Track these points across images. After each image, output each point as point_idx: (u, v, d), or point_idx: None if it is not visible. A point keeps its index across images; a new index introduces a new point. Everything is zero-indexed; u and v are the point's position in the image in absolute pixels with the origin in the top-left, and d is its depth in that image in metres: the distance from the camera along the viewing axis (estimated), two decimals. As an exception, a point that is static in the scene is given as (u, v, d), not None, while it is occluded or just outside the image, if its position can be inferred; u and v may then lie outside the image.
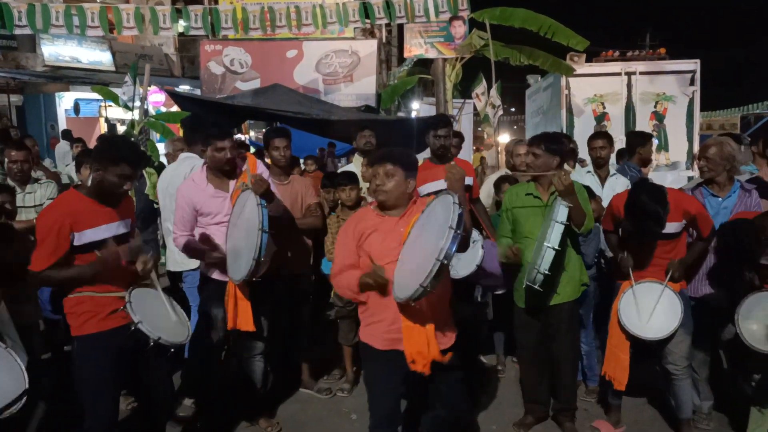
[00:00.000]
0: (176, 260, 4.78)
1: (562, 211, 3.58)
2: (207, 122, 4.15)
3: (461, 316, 4.65)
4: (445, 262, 2.61)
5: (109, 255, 3.08)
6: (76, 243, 3.08)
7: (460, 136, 6.25)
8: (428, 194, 4.42)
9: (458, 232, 2.63)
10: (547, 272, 3.56)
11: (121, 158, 3.10)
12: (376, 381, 3.24)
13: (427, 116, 12.07)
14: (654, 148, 5.70)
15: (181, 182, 4.17)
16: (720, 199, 3.99)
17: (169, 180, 4.78)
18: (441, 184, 3.51)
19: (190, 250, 4.01)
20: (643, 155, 5.61)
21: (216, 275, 3.96)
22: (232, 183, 3.95)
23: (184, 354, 4.35)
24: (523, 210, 3.98)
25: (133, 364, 3.23)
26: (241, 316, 3.78)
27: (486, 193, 5.59)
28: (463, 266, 4.38)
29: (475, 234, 4.44)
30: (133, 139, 9.49)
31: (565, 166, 4.76)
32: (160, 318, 3.27)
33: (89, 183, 3.38)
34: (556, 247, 3.52)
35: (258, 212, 3.52)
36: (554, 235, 3.54)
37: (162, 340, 3.14)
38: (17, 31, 6.95)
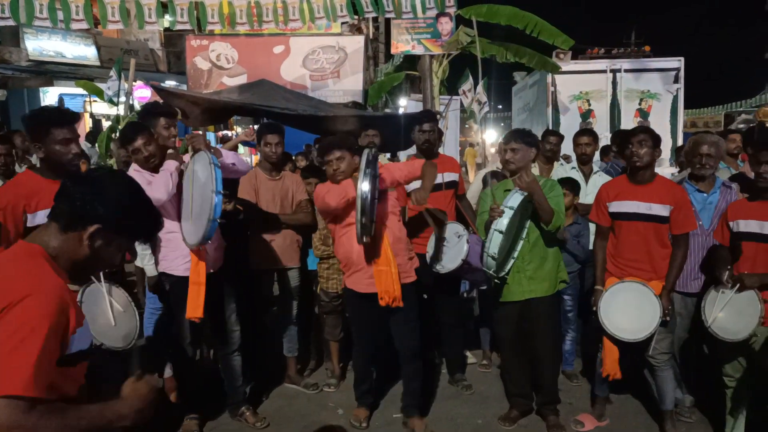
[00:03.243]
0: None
1: (514, 198, 3.71)
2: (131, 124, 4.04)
3: (446, 316, 4.76)
4: (364, 197, 3.47)
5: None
6: (29, 224, 3.02)
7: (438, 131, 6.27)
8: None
9: (368, 171, 3.51)
10: (495, 256, 3.65)
11: (50, 124, 3.03)
12: (358, 317, 4.15)
13: (414, 112, 12.08)
14: None
15: None
16: (705, 195, 4.05)
17: None
18: None
19: None
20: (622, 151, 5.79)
21: (180, 272, 3.84)
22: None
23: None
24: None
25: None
26: (191, 301, 3.72)
27: (476, 188, 5.62)
28: (448, 260, 4.41)
29: (460, 229, 4.47)
30: (117, 133, 9.43)
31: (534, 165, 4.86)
32: (105, 321, 3.20)
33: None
34: (503, 231, 3.62)
35: (211, 172, 3.46)
36: (502, 220, 3.64)
37: (105, 347, 3.10)
38: (0, 23, 6.87)
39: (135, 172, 3.78)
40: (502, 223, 3.64)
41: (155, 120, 4.00)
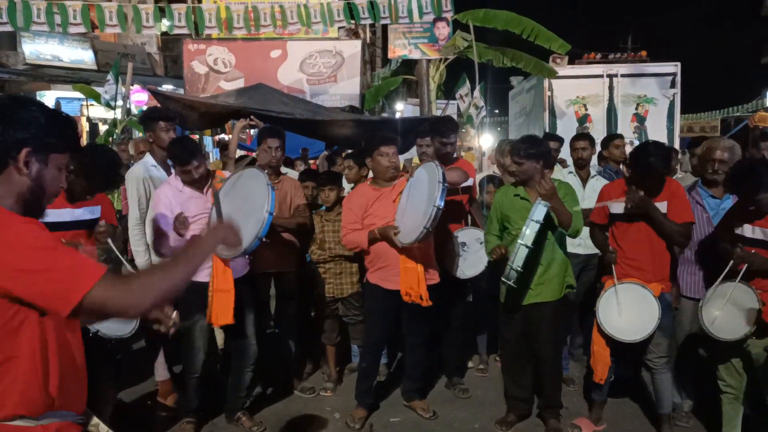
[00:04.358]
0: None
1: (539, 210, 3.65)
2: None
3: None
4: (440, 206, 3.60)
5: None
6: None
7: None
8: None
9: (445, 184, 3.63)
10: (520, 269, 3.63)
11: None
12: (375, 312, 4.26)
13: (411, 117, 12.09)
14: (625, 145, 5.83)
15: (135, 184, 4.23)
16: (719, 200, 4.03)
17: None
18: None
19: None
20: (610, 156, 5.76)
21: (200, 277, 3.78)
22: (204, 186, 3.96)
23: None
24: (512, 211, 4.01)
25: None
26: (220, 309, 3.73)
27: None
28: (469, 266, 4.42)
29: (482, 235, 4.45)
30: (114, 137, 9.43)
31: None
32: None
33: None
34: (530, 245, 3.60)
35: (267, 193, 3.52)
36: (529, 233, 3.62)
37: (101, 333, 3.13)
38: (-2, 29, 6.87)
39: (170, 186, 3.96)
40: (529, 237, 3.60)
41: (155, 123, 4.26)
